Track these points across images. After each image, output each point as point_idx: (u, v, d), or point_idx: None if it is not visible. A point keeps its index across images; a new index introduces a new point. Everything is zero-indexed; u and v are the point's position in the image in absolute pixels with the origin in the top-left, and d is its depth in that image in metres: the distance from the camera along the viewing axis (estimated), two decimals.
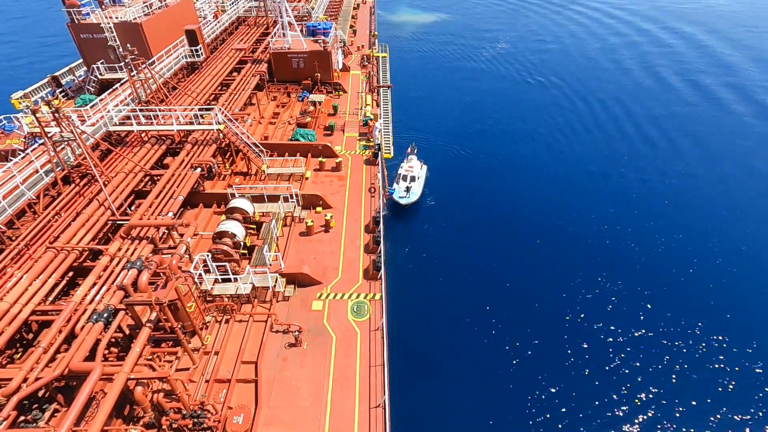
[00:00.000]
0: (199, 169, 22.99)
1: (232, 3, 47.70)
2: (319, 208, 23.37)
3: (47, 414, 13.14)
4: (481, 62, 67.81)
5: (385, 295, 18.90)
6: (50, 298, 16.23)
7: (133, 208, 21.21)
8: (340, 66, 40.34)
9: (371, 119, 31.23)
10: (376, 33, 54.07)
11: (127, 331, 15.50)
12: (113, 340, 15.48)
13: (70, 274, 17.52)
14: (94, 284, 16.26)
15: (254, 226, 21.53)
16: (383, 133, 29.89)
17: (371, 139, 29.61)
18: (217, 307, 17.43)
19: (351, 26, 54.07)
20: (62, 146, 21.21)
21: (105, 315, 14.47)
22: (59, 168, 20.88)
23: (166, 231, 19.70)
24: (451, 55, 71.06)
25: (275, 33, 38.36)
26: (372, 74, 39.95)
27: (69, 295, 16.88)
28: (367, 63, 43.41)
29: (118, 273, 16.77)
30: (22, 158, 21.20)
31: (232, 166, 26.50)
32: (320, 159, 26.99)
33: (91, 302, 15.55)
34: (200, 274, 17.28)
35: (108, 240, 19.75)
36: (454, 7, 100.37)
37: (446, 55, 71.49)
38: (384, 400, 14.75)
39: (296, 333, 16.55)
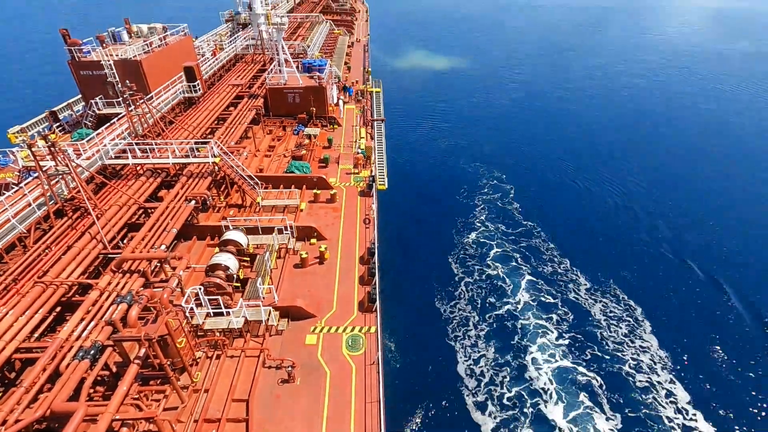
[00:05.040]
0: (193, 202, 22.99)
1: (231, 42, 49.22)
2: (313, 240, 23.30)
3: None
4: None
5: (380, 328, 18.57)
6: (36, 335, 15.73)
7: (125, 241, 21.00)
8: (335, 100, 41.33)
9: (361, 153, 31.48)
10: (369, 69, 55.82)
11: (114, 369, 14.99)
12: (99, 378, 14.93)
13: (58, 309, 17.08)
14: (82, 320, 15.81)
15: (248, 259, 21.33)
16: (377, 165, 30.27)
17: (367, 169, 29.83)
18: (208, 342, 16.99)
19: (345, 63, 55.82)
20: (57, 179, 21.20)
21: (92, 352, 14.01)
22: (52, 201, 20.78)
23: (158, 264, 19.45)
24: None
25: (272, 69, 39.44)
26: (366, 108, 40.91)
27: (56, 332, 16.39)
28: (361, 98, 44.51)
29: (108, 308, 16.37)
30: (15, 192, 21.11)
31: (226, 198, 26.54)
32: (315, 191, 27.16)
33: (77, 339, 15.09)
34: (191, 308, 16.94)
35: (99, 274, 19.41)
36: (473, 48, 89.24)
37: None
38: None
39: (289, 368, 16.09)
